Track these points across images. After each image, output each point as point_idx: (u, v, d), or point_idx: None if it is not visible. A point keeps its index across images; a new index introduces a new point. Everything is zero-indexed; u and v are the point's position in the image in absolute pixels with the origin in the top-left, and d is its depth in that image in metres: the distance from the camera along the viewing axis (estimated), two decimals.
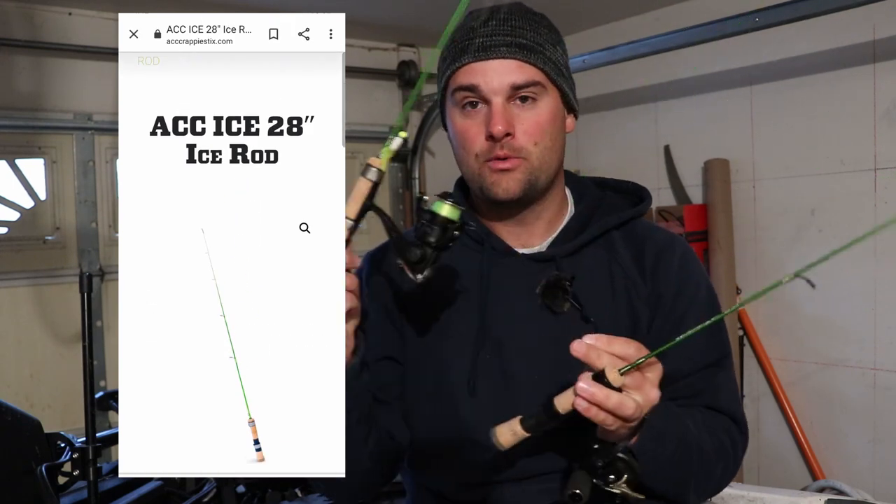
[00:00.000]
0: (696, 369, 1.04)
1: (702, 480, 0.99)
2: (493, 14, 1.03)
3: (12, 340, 2.61)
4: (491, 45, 0.99)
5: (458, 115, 1.03)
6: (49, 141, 2.69)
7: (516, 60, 0.99)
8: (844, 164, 2.41)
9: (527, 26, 1.02)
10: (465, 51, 1.01)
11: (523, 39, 1.00)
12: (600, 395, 0.81)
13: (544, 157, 1.02)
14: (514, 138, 1.00)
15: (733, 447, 1.03)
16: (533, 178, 1.02)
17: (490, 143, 1.00)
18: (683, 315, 1.05)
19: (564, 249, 1.07)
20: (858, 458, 2.44)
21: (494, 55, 0.99)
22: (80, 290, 1.49)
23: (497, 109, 0.99)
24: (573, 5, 2.77)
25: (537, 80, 1.00)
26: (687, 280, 1.07)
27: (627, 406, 0.82)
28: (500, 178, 1.01)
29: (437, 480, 1.11)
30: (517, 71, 0.99)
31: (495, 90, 0.99)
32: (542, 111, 1.01)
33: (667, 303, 1.06)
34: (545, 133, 1.02)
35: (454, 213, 0.83)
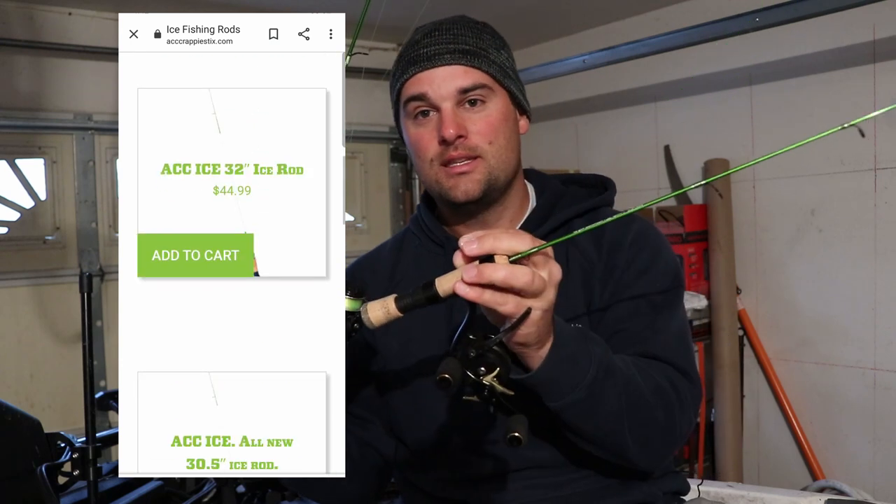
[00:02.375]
0: (639, 325, 1.02)
1: (641, 426, 0.92)
2: (437, 26, 1.07)
3: (12, 340, 2.61)
4: (435, 54, 1.03)
5: (412, 125, 1.06)
6: (49, 141, 2.69)
7: (461, 66, 1.03)
8: (844, 164, 2.41)
9: (469, 33, 1.06)
10: (412, 62, 1.05)
11: (466, 45, 1.04)
12: (487, 269, 0.71)
13: (501, 156, 1.05)
14: (468, 139, 1.02)
15: (676, 392, 0.96)
16: (492, 178, 1.04)
17: (443, 146, 1.03)
18: (632, 283, 1.04)
19: None
20: (858, 458, 2.44)
21: (439, 62, 1.03)
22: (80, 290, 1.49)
23: (447, 114, 1.02)
24: (574, 5, 2.77)
25: (483, 83, 1.04)
26: (639, 252, 1.06)
27: (520, 275, 0.72)
28: (459, 181, 1.03)
29: (423, 478, 1.13)
30: (463, 75, 1.03)
31: (443, 96, 1.02)
32: (492, 112, 1.04)
33: (617, 273, 1.05)
34: (498, 132, 1.04)
35: (352, 305, 0.79)
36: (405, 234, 1.22)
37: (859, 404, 2.43)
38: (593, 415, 0.88)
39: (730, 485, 1.54)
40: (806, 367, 2.56)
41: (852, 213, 2.40)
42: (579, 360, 0.84)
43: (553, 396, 0.85)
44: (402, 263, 1.17)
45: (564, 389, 0.84)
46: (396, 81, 1.08)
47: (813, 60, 2.45)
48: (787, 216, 2.57)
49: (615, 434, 0.91)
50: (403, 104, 1.07)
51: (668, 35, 2.40)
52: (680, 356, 1.01)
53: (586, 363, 0.85)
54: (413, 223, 1.21)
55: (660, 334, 1.02)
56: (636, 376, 0.92)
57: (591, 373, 0.85)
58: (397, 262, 1.18)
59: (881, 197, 2.34)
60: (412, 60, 1.05)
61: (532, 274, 0.72)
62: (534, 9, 2.61)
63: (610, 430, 0.91)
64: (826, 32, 2.36)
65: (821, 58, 2.43)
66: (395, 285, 1.14)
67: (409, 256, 1.17)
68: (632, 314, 1.02)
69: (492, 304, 0.73)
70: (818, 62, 2.44)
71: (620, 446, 0.93)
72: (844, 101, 2.39)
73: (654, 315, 1.03)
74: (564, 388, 0.84)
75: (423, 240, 1.16)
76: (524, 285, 0.72)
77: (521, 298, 0.73)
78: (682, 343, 1.04)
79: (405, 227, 1.25)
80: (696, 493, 1.46)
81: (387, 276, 1.16)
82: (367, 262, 1.22)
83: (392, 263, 1.18)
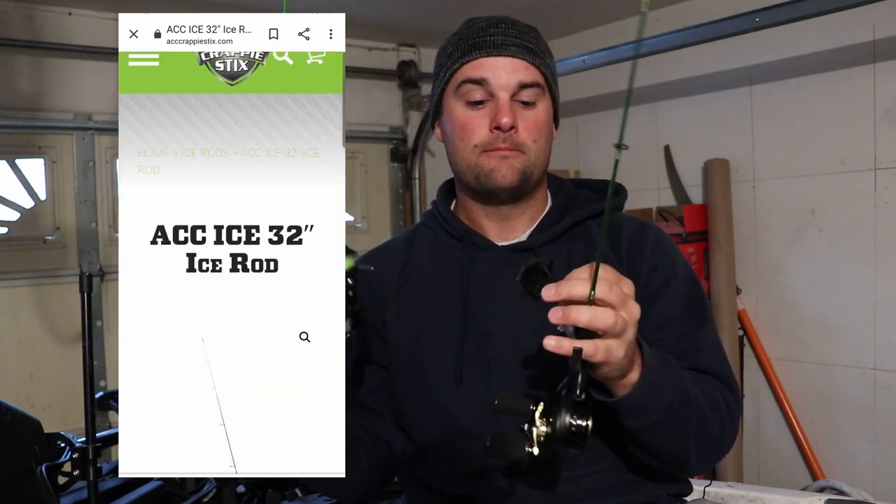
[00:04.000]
0: (674, 335, 1.05)
1: (702, 438, 0.97)
2: (503, 19, 1.09)
3: (12, 340, 2.61)
4: (502, 44, 1.05)
5: (461, 107, 1.07)
6: (49, 141, 2.69)
7: (524, 61, 1.05)
8: (844, 164, 2.41)
9: (531, 34, 1.09)
10: (476, 47, 1.06)
11: (530, 44, 1.06)
12: (572, 312, 0.75)
13: (539, 155, 1.07)
14: (517, 133, 1.04)
15: (727, 405, 1.02)
16: (528, 172, 1.06)
17: (493, 134, 1.04)
18: (660, 290, 1.07)
19: (541, 238, 1.10)
20: (858, 458, 2.44)
21: (506, 53, 1.05)
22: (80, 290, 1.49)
23: (504, 103, 1.04)
24: (573, 5, 2.77)
25: (539, 83, 1.06)
26: (661, 258, 1.10)
27: (603, 317, 0.76)
28: (501, 164, 1.05)
29: (429, 473, 1.12)
30: (525, 70, 1.05)
31: (504, 86, 1.04)
32: (541, 112, 1.07)
33: (642, 281, 1.06)
34: (542, 132, 1.07)
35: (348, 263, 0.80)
36: (417, 229, 1.22)
37: (859, 404, 2.43)
38: (667, 434, 0.93)
39: (730, 485, 1.54)
40: (806, 367, 2.56)
41: (852, 213, 2.40)
42: (661, 385, 0.90)
43: (632, 418, 0.90)
44: (414, 257, 1.17)
45: (644, 412, 0.89)
46: (454, 62, 1.08)
47: (813, 60, 2.45)
48: (787, 216, 2.57)
49: (682, 450, 0.97)
50: (457, 85, 1.07)
51: (668, 35, 2.40)
52: (724, 368, 1.06)
53: (666, 388, 0.90)
54: (427, 217, 1.21)
55: (704, 348, 1.06)
56: (699, 394, 0.97)
57: (669, 396, 0.90)
58: (409, 255, 1.17)
59: (881, 197, 2.34)
60: (477, 45, 1.06)
61: (615, 316, 0.76)
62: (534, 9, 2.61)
63: (679, 447, 0.96)
64: (826, 32, 2.36)
65: (821, 58, 2.43)
66: (405, 279, 1.14)
67: (422, 250, 1.17)
68: (667, 323, 1.05)
69: (585, 354, 0.76)
70: (818, 62, 2.44)
71: (683, 460, 0.98)
72: (844, 101, 2.39)
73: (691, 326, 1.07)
74: (645, 411, 0.89)
75: (439, 232, 1.16)
76: (608, 327, 0.76)
77: (607, 341, 0.78)
78: (722, 354, 1.09)
79: (417, 222, 1.25)
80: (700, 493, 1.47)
81: (397, 269, 1.16)
82: (377, 255, 1.21)
83: (404, 257, 1.17)
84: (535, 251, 1.09)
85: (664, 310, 1.06)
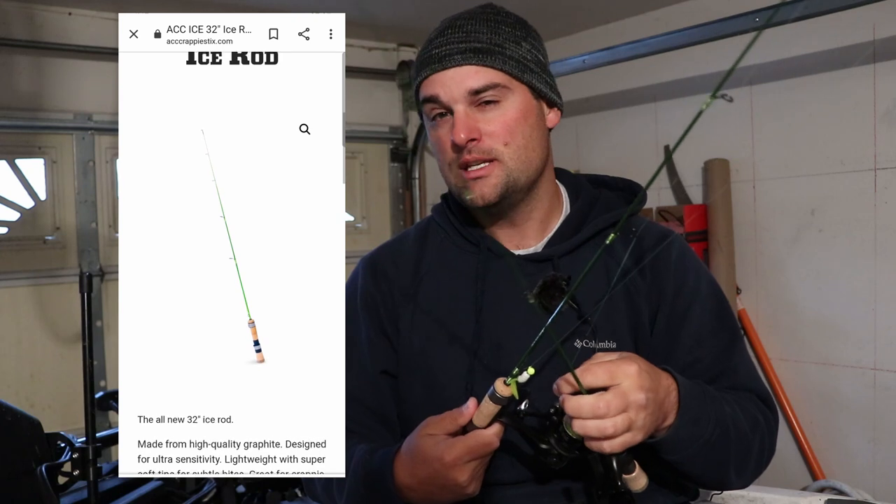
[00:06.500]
0: (710, 354, 1.05)
1: (742, 460, 0.99)
2: (451, 23, 1.04)
3: (12, 340, 2.61)
4: (445, 55, 1.00)
5: (430, 126, 1.05)
6: (49, 141, 2.69)
7: (472, 66, 1.00)
8: (844, 164, 2.41)
9: (483, 28, 1.02)
10: (425, 63, 1.03)
11: (478, 43, 1.00)
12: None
13: (519, 157, 1.02)
14: (481, 142, 1.00)
15: (766, 422, 1.03)
16: (510, 180, 1.02)
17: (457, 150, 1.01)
18: (688, 308, 1.06)
19: (560, 249, 1.07)
20: (858, 458, 2.44)
21: (450, 64, 1.00)
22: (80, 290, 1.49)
23: (459, 117, 1.00)
24: (574, 5, 2.77)
25: (497, 82, 1.00)
26: (686, 273, 1.08)
27: (600, 404, 0.80)
28: (474, 186, 1.02)
29: None
30: (473, 76, 1.00)
31: (454, 98, 1.00)
32: (508, 111, 1.01)
33: (669, 298, 1.06)
34: (515, 132, 1.01)
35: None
36: (429, 224, 1.18)
37: (859, 404, 2.43)
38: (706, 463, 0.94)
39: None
40: (806, 367, 2.56)
41: (852, 213, 2.40)
42: (700, 420, 0.91)
43: (671, 452, 0.91)
44: (427, 258, 1.14)
45: (683, 447, 0.90)
46: (415, 81, 1.06)
47: (813, 60, 2.45)
48: (787, 216, 2.57)
49: (722, 474, 0.98)
50: (422, 103, 1.05)
51: (668, 35, 2.40)
52: (761, 384, 1.07)
53: (706, 422, 0.91)
54: (438, 214, 1.17)
55: (741, 366, 1.06)
56: (739, 416, 0.98)
57: (709, 430, 0.92)
58: (422, 255, 1.14)
59: (881, 197, 2.34)
60: (425, 61, 1.03)
61: (613, 425, 0.80)
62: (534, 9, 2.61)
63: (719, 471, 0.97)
64: (826, 32, 2.35)
65: (821, 58, 2.43)
66: (419, 280, 1.12)
67: (434, 250, 1.14)
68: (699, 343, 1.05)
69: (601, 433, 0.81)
70: (818, 62, 2.44)
71: (722, 480, 1.00)
72: (844, 100, 2.39)
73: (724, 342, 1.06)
74: (684, 446, 0.90)
75: (452, 233, 1.13)
76: (611, 434, 0.80)
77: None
78: (754, 368, 1.10)
79: (428, 216, 1.21)
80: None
81: (410, 270, 1.13)
82: (389, 253, 1.17)
83: (416, 257, 1.14)
84: (553, 263, 1.06)
85: (694, 330, 1.05)
